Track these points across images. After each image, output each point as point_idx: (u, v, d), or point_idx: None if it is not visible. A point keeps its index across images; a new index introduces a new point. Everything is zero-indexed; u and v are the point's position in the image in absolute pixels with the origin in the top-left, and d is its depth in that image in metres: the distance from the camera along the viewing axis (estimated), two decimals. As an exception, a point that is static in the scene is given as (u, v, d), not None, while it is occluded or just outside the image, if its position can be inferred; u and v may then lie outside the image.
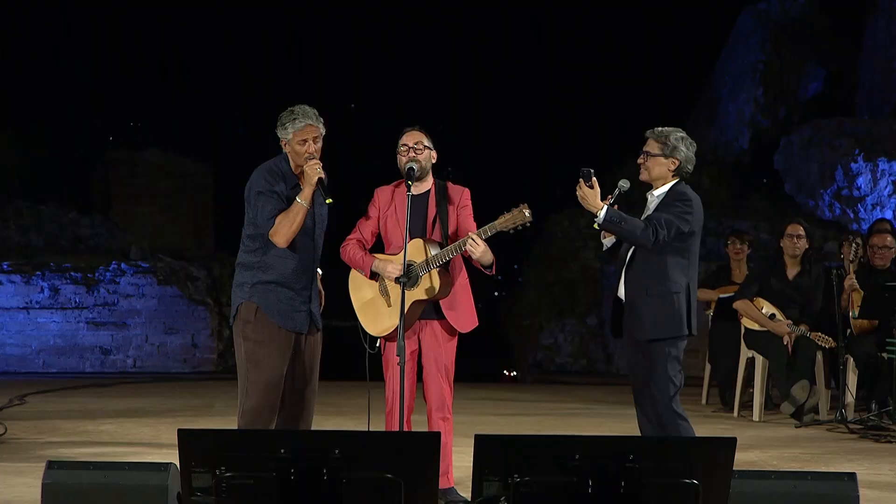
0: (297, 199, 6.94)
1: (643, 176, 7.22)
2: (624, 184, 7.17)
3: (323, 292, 7.33)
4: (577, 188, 6.95)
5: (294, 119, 7.06)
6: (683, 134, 7.22)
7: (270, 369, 7.03)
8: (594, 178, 6.96)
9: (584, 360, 17.23)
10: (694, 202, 7.07)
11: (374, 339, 7.25)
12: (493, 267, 7.11)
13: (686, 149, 7.15)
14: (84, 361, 16.70)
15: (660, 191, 7.18)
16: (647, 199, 7.27)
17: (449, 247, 7.01)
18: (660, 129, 7.22)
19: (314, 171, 6.96)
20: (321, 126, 7.12)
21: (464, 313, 7.23)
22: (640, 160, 7.23)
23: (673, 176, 7.16)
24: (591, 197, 6.93)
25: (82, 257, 17.43)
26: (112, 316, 16.83)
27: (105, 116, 23.38)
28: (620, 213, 6.98)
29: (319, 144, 7.10)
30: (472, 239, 6.90)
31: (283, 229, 6.97)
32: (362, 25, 23.43)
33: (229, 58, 23.06)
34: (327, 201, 7.06)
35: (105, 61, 22.63)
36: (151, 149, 21.23)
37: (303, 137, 7.04)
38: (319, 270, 7.25)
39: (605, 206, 6.94)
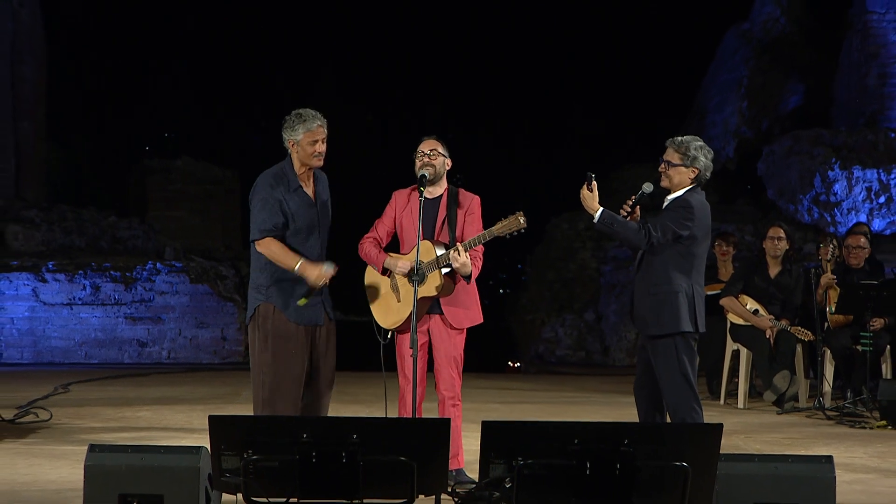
0: (295, 267, 6.90)
1: (664, 183, 7.10)
2: (647, 187, 7.13)
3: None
4: (581, 190, 6.94)
5: (304, 120, 7.00)
6: (702, 143, 7.11)
7: (293, 364, 7.01)
8: (594, 183, 6.94)
9: (583, 352, 17.20)
10: (696, 209, 6.95)
11: (387, 331, 7.25)
12: (471, 279, 7.11)
13: (705, 157, 7.04)
14: (123, 353, 16.71)
15: (672, 196, 7.10)
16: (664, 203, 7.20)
17: (448, 252, 7.01)
18: (679, 138, 7.10)
19: (318, 282, 6.92)
20: (326, 129, 7.09)
21: (465, 310, 7.21)
22: (661, 168, 7.10)
23: (691, 183, 7.08)
24: (590, 199, 6.91)
25: (121, 257, 17.43)
26: (148, 311, 16.83)
27: (142, 128, 23.42)
28: (614, 215, 6.94)
29: (325, 147, 7.07)
30: (457, 250, 6.92)
31: (268, 254, 6.96)
32: (373, 40, 23.44)
33: (252, 75, 23.08)
34: (300, 302, 6.99)
35: (142, 78, 22.67)
36: (184, 157, 21.24)
37: (314, 138, 6.99)
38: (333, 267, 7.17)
39: (601, 209, 6.90)
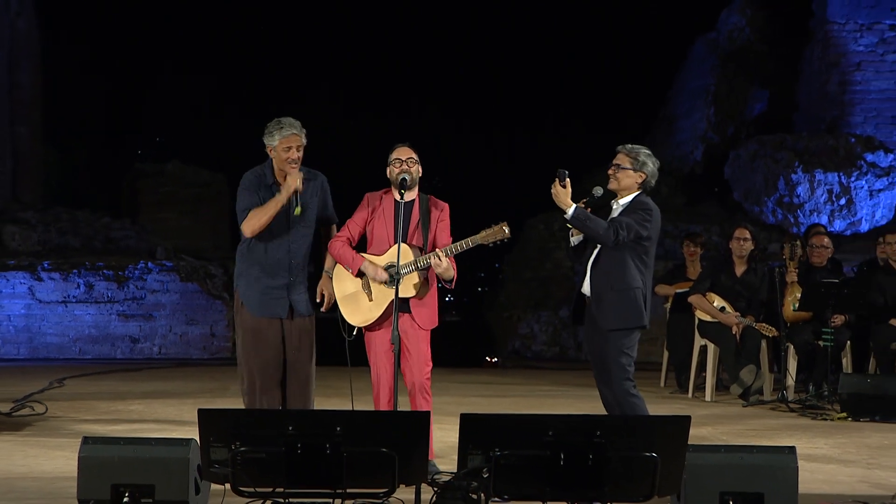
0: (273, 199, 7.02)
1: (612, 185, 7.26)
2: (597, 190, 7.23)
3: None
4: (553, 186, 6.98)
5: (281, 128, 7.16)
6: (650, 152, 7.30)
7: (256, 353, 7.09)
8: (567, 180, 6.99)
9: (557, 348, 17.21)
10: (654, 212, 7.13)
11: (352, 327, 7.25)
12: (453, 283, 7.13)
13: (652, 164, 7.23)
14: (115, 349, 16.65)
15: (624, 200, 7.23)
16: (612, 207, 7.30)
17: (426, 255, 7.04)
18: (630, 145, 7.28)
19: (294, 180, 7.01)
20: (303, 137, 7.20)
21: (428, 311, 7.24)
22: (610, 171, 7.26)
23: (638, 187, 7.20)
24: (563, 195, 6.98)
25: (114, 257, 17.37)
26: (140, 309, 16.78)
27: (134, 133, 23.36)
28: (586, 212, 7.04)
29: (301, 154, 7.16)
30: (438, 255, 6.95)
31: (252, 221, 7.07)
32: (355, 45, 23.41)
33: (240, 81, 23.04)
34: (296, 211, 7.07)
35: (136, 85, 22.61)
36: (174, 161, 21.16)
37: (287, 144, 7.12)
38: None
39: (574, 205, 6.99)
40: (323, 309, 7.33)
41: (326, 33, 23.39)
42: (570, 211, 6.98)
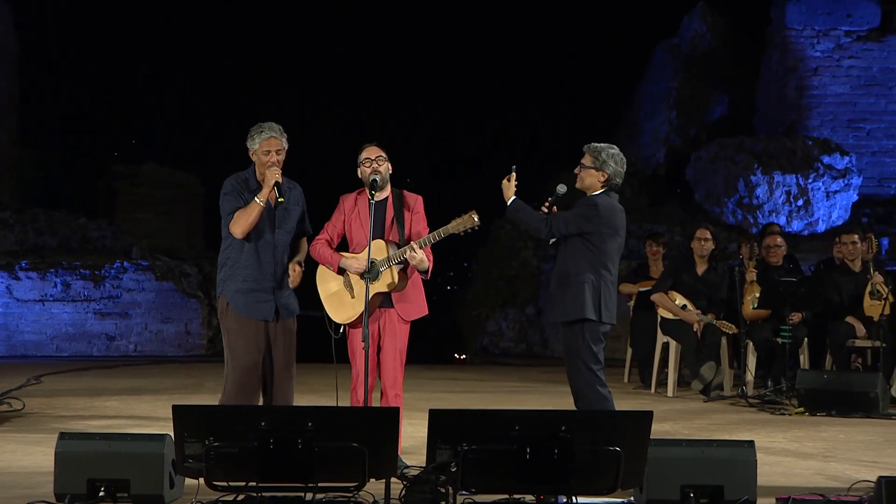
0: (256, 198, 7.00)
1: (578, 184, 7.25)
2: (561, 188, 7.26)
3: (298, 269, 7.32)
4: (503, 180, 7.16)
5: (261, 132, 7.15)
6: (615, 151, 7.20)
7: (242, 355, 7.06)
8: (513, 175, 7.14)
9: (524, 345, 17.23)
10: (600, 208, 7.04)
11: (338, 325, 7.25)
12: (429, 273, 7.15)
13: (615, 164, 7.14)
14: (92, 346, 16.58)
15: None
16: None
17: (401, 249, 7.04)
18: (596, 144, 7.23)
19: (272, 175, 7.02)
20: (284, 141, 7.18)
21: (413, 304, 7.24)
22: (576, 171, 7.26)
23: (602, 186, 7.16)
24: (507, 189, 7.18)
25: (90, 257, 17.29)
26: (116, 307, 16.71)
27: (110, 135, 23.24)
28: (524, 204, 7.17)
29: (282, 157, 7.15)
30: (413, 248, 6.96)
31: (240, 222, 7.04)
32: (330, 54, 23.35)
33: (215, 84, 22.95)
34: (279, 200, 7.09)
35: (112, 87, 22.50)
36: (150, 163, 21.08)
37: (266, 148, 7.11)
38: (300, 265, 7.24)
39: (513, 198, 7.15)
40: (293, 281, 7.26)
41: (300, 36, 23.32)
42: (509, 203, 7.16)
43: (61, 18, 21.81)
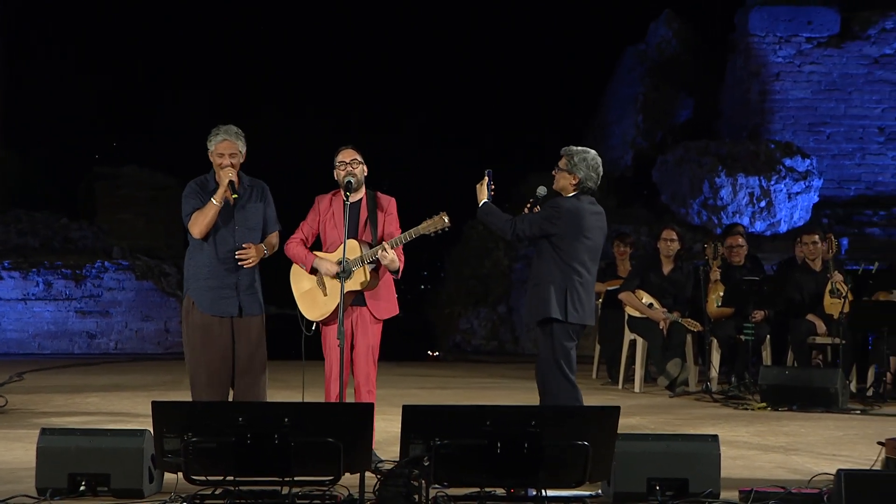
0: (212, 199, 7.02)
1: (554, 185, 7.23)
2: (541, 190, 7.26)
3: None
4: (477, 184, 7.23)
5: (216, 135, 7.19)
6: (590, 155, 7.11)
7: (205, 351, 7.06)
8: (487, 178, 7.19)
9: (496, 342, 17.24)
10: (563, 210, 7.00)
11: (310, 323, 7.25)
12: (400, 273, 7.17)
13: (586, 168, 7.06)
14: (73, 344, 16.51)
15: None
16: None
17: (374, 248, 7.06)
18: (571, 148, 7.17)
19: (226, 175, 7.04)
20: (240, 144, 7.18)
21: (385, 303, 7.26)
22: (553, 173, 7.23)
23: (574, 189, 7.12)
24: (479, 191, 7.24)
25: (72, 256, 17.22)
26: (97, 306, 16.66)
27: (92, 137, 23.12)
28: (494, 207, 7.20)
29: (236, 160, 7.15)
30: (384, 248, 6.98)
31: (198, 222, 7.08)
32: (306, 57, 23.27)
33: (196, 90, 22.85)
34: (233, 196, 7.09)
35: (93, 89, 22.38)
36: (130, 165, 20.99)
37: (220, 151, 7.15)
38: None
39: (485, 200, 7.19)
40: (244, 260, 7.20)
41: (276, 38, 23.25)
42: (480, 205, 7.22)
43: (43, 20, 21.70)
